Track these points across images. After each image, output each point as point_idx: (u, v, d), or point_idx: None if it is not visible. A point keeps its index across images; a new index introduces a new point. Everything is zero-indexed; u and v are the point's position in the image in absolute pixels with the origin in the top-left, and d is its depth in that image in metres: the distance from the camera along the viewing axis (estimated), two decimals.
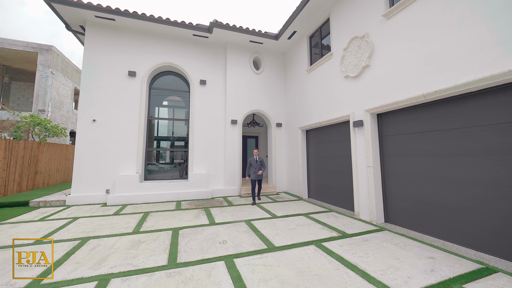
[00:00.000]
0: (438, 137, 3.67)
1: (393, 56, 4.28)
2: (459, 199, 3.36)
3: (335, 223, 4.48)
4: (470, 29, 3.13)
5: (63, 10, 6.34)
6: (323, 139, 6.63)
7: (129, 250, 3.27)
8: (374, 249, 3.25)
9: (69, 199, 6.19)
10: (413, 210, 4.02)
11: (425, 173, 3.84)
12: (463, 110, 3.37)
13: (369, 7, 4.87)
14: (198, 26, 7.29)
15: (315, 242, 3.51)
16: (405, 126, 4.23)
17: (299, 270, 2.68)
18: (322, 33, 6.80)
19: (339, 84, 5.70)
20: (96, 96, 6.71)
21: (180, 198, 6.98)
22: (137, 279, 2.50)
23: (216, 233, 3.95)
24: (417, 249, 3.23)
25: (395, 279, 2.48)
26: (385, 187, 4.59)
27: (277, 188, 8.24)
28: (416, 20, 3.87)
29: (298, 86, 7.74)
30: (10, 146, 6.57)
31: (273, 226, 4.31)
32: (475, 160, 3.20)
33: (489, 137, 3.06)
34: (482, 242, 3.08)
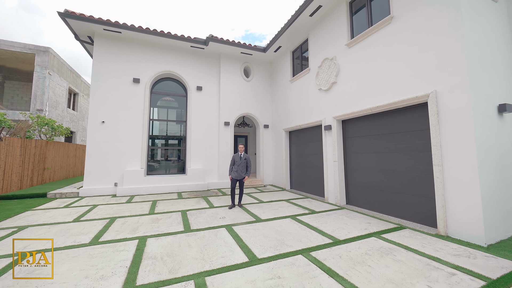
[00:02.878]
0: (380, 139, 5.04)
1: (352, 77, 5.61)
2: (391, 183, 4.74)
3: (308, 205, 5.78)
4: (398, 65, 4.48)
5: (75, 24, 7.12)
6: (302, 139, 7.93)
7: (151, 223, 4.34)
8: (331, 219, 4.55)
9: (81, 191, 7.05)
10: (364, 193, 5.39)
11: (372, 166, 5.21)
12: (394, 120, 4.74)
13: (337, 36, 6.17)
14: (195, 39, 8.30)
15: (291, 216, 4.76)
16: (360, 130, 5.58)
17: (278, 231, 3.91)
18: (303, 49, 8.06)
19: (314, 95, 6.99)
20: (104, 100, 7.55)
21: (180, 190, 8.01)
22: (165, 238, 3.60)
23: (216, 213, 5.09)
24: (361, 218, 4.57)
25: (340, 233, 3.77)
26: (347, 177, 5.94)
27: (264, 181, 9.48)
28: (367, 53, 5.20)
29: (282, 93, 8.99)
30: (25, 145, 7.28)
31: (260, 208, 5.53)
32: (401, 156, 4.57)
33: (408, 140, 4.44)
34: (403, 212, 4.47)
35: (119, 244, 3.34)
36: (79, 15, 6.84)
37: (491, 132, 3.59)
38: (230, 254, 3.01)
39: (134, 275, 2.50)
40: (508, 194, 3.64)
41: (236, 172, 5.56)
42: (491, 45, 3.94)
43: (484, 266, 2.64)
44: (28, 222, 4.36)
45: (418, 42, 4.14)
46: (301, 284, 2.32)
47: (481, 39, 3.77)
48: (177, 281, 2.39)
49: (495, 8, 4.14)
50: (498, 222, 3.40)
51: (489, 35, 3.94)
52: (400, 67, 4.45)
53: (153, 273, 2.55)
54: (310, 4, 6.33)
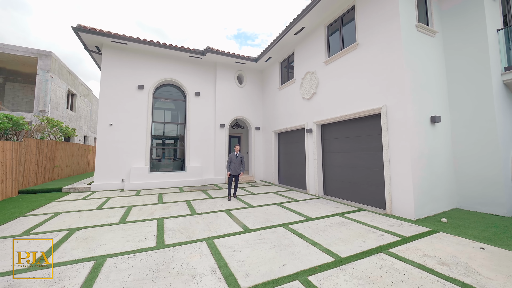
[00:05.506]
0: (349, 141, 6.22)
1: (328, 90, 6.76)
2: (357, 176, 5.92)
3: (292, 196, 6.92)
4: (361, 83, 5.65)
5: (86, 36, 7.92)
6: (289, 140, 9.06)
7: (163, 209, 5.33)
8: (309, 205, 5.69)
9: (93, 186, 7.89)
10: (337, 185, 6.57)
11: (343, 163, 6.38)
12: (359, 126, 5.93)
13: (317, 52, 7.31)
14: (194, 50, 9.25)
15: (276, 204, 5.87)
16: (335, 133, 6.75)
17: (265, 213, 5.00)
18: (289, 61, 9.18)
19: (298, 102, 8.12)
20: (112, 105, 8.40)
21: (180, 185, 8.97)
22: (178, 218, 4.61)
23: (215, 202, 6.13)
24: (332, 204, 5.74)
25: (312, 214, 4.90)
26: (325, 172, 7.10)
27: (256, 177, 10.56)
28: (340, 70, 6.36)
29: (272, 99, 10.09)
30: (39, 145, 8.03)
31: (252, 198, 6.61)
32: (364, 154, 5.76)
33: (369, 142, 5.62)
34: (364, 198, 5.66)
35: (143, 223, 4.33)
36: (90, 29, 7.65)
37: (424, 137, 4.81)
38: (230, 227, 4.07)
39: (161, 239, 3.52)
40: (436, 183, 4.89)
41: (233, 169, 6.60)
42: (429, 70, 5.17)
43: (405, 230, 3.83)
44: (59, 210, 5.26)
45: (375, 66, 5.32)
46: (279, 241, 3.41)
47: (420, 66, 4.98)
48: (193, 242, 3.43)
49: (432, 41, 5.37)
50: (426, 204, 4.63)
51: (427, 63, 5.17)
52: (363, 84, 5.63)
53: (175, 238, 3.58)
54: (295, 25, 7.43)
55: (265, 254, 2.98)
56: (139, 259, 2.87)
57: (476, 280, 2.36)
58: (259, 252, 3.06)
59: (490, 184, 4.74)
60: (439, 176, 4.98)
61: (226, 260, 2.82)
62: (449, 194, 5.13)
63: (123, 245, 3.29)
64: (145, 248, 3.21)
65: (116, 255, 2.98)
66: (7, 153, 6.31)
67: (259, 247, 3.22)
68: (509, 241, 3.32)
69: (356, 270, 2.58)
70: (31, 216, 4.74)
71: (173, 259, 2.85)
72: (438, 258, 2.84)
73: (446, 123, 5.34)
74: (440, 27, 5.60)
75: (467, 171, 5.11)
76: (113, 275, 2.50)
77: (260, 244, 3.32)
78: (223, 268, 2.63)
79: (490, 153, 4.77)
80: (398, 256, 2.90)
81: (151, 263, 2.76)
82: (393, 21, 4.92)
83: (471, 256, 2.88)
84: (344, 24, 6.51)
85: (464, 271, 2.53)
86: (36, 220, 4.49)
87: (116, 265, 2.71)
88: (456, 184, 5.28)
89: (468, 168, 5.11)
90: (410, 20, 4.96)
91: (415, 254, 2.94)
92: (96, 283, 2.35)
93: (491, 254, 2.93)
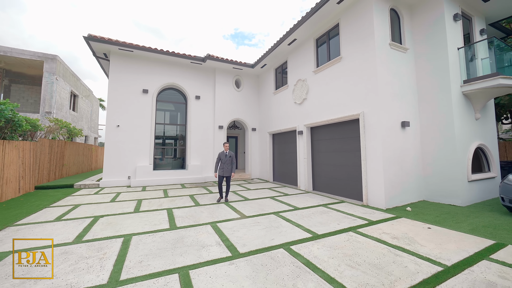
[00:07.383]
0: (335, 142, 7.03)
1: (317, 96, 7.57)
2: (341, 173, 6.74)
3: (285, 191, 7.72)
4: (345, 90, 6.47)
5: (95, 45, 8.58)
6: (282, 141, 9.85)
7: (170, 202, 6.06)
8: (298, 198, 6.49)
9: (101, 182, 8.56)
10: (324, 181, 7.39)
11: (330, 161, 7.20)
12: (343, 129, 6.74)
13: (307, 62, 8.11)
14: (195, 57, 9.97)
15: (270, 197, 6.65)
16: (323, 135, 7.56)
17: (260, 204, 5.78)
18: (283, 68, 9.97)
19: (291, 107, 8.92)
20: (118, 108, 9.07)
21: (182, 182, 9.69)
22: (184, 209, 5.35)
23: (215, 196, 6.88)
24: (318, 198, 6.56)
25: (300, 205, 5.69)
26: (314, 170, 7.91)
27: (252, 175, 11.34)
28: (326, 80, 7.18)
29: (267, 103, 10.87)
30: (51, 145, 8.65)
31: (248, 193, 7.38)
32: (347, 154, 6.58)
33: (351, 143, 6.44)
34: (346, 192, 6.48)
35: (155, 212, 5.07)
36: (100, 38, 8.32)
37: (394, 139, 5.65)
38: (229, 215, 4.84)
39: (173, 223, 4.27)
40: (405, 179, 5.73)
41: (222, 170, 6.03)
42: (401, 81, 6.01)
43: (374, 217, 4.65)
44: (77, 202, 5.95)
45: (355, 77, 6.14)
46: (270, 224, 4.20)
47: (392, 78, 5.81)
48: (200, 225, 4.18)
49: (404, 56, 6.21)
50: (395, 196, 5.47)
51: (399, 75, 6.00)
52: (345, 93, 6.45)
53: (184, 222, 4.33)
54: (288, 37, 8.22)
55: (258, 232, 3.76)
56: (158, 236, 3.62)
57: (414, 247, 3.18)
58: (253, 231, 3.83)
59: (449, 179, 5.60)
60: (408, 173, 5.82)
61: (227, 236, 3.59)
62: (417, 188, 5.98)
63: (142, 228, 4.03)
64: (161, 229, 3.96)
65: (139, 234, 3.73)
66: (26, 153, 6.95)
67: (253, 228, 4.00)
68: (452, 223, 4.16)
69: (328, 242, 3.37)
70: (55, 208, 5.43)
71: (185, 236, 3.61)
72: (392, 234, 3.66)
73: (415, 127, 6.20)
74: (411, 44, 6.44)
75: (433, 169, 5.97)
76: (141, 245, 3.25)
77: (255, 226, 4.10)
78: (226, 241, 3.40)
79: (450, 154, 5.63)
80: (362, 233, 3.71)
81: (168, 239, 3.52)
82: (370, 39, 5.74)
83: (418, 233, 3.71)
84: (330, 38, 7.32)
85: (408, 242, 3.35)
86: (61, 210, 5.19)
87: (141, 240, 3.46)
88: (424, 180, 6.13)
89: (433, 166, 5.97)
90: (384, 39, 5.80)
91: (376, 232, 3.76)
92: (130, 250, 3.10)
93: (434, 231, 3.76)
